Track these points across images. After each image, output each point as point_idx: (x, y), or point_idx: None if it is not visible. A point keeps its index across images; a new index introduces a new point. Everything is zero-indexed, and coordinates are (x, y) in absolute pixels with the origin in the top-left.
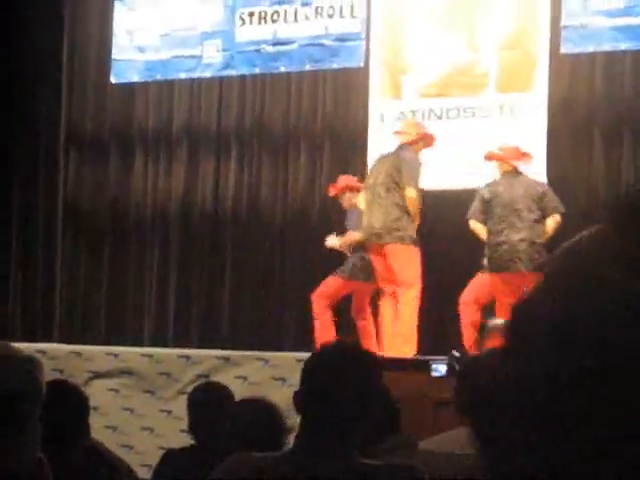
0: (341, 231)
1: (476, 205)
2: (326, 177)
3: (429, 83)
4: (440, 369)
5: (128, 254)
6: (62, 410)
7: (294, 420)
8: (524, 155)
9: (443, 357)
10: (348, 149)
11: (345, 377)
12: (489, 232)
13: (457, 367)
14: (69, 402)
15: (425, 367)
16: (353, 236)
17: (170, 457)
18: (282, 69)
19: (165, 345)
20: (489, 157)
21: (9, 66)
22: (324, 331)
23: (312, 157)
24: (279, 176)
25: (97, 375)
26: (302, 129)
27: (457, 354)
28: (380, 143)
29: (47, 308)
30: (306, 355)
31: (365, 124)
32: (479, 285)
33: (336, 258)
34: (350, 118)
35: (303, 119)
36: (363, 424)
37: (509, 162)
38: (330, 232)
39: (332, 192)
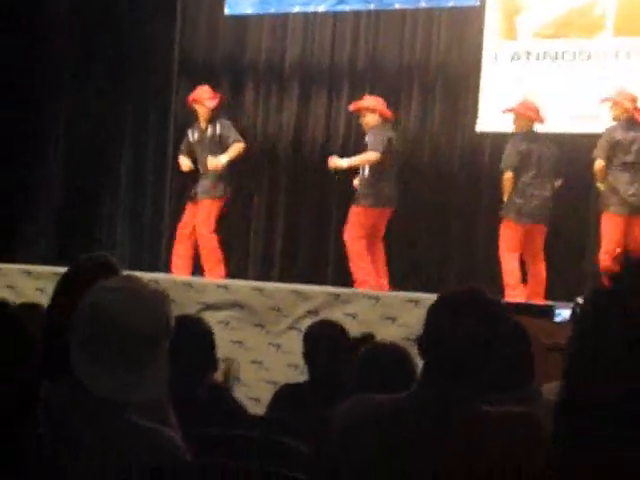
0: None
1: (603, 144)
2: (438, 116)
3: (544, 24)
4: (563, 314)
5: (237, 188)
6: (189, 345)
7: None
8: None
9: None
10: (460, 89)
11: (469, 322)
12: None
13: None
14: (196, 338)
15: (549, 312)
16: None
17: (285, 391)
18: (396, 6)
19: (270, 280)
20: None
21: None
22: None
23: (424, 95)
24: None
25: (207, 307)
26: (415, 67)
27: (581, 300)
28: (493, 83)
29: (155, 239)
30: (415, 295)
31: (478, 64)
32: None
33: (452, 199)
34: (463, 57)
35: (416, 57)
36: (485, 371)
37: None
38: (440, 169)
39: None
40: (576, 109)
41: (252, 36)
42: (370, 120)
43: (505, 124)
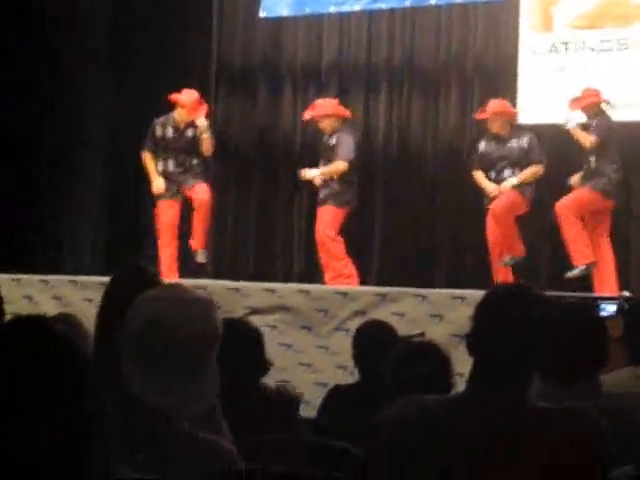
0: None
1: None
2: (477, 112)
3: (581, 14)
4: (609, 309)
5: (276, 189)
6: (238, 350)
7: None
8: None
9: (613, 297)
10: (499, 83)
11: (518, 319)
12: None
13: (626, 307)
14: (244, 341)
15: (594, 306)
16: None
17: (336, 393)
18: (432, 2)
19: (313, 280)
20: None
21: (163, 1)
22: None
23: (463, 92)
24: (429, 111)
25: (254, 311)
26: (452, 63)
27: (628, 294)
28: (531, 77)
29: None
30: (462, 292)
31: (515, 58)
32: None
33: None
34: (500, 52)
35: (453, 53)
36: (537, 365)
37: None
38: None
39: (481, 116)
40: (618, 98)
41: (288, 38)
42: (328, 125)
43: (545, 116)
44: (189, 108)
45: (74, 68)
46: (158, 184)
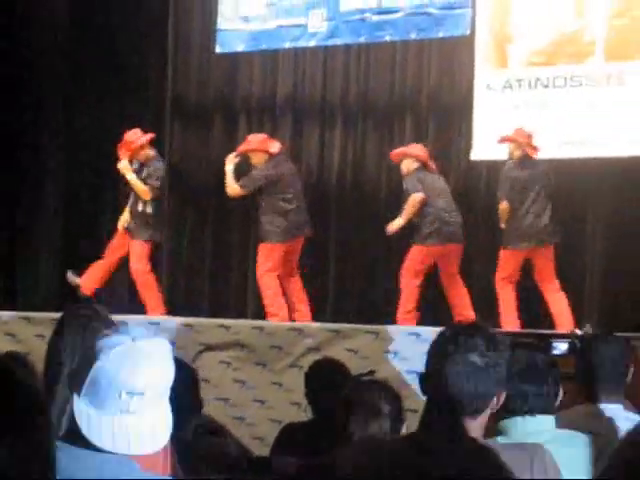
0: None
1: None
2: (432, 146)
3: (535, 51)
4: (561, 347)
5: (232, 225)
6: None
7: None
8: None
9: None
10: (454, 118)
11: (471, 358)
12: None
13: (578, 345)
14: (180, 379)
15: (546, 344)
16: None
17: (289, 431)
18: (387, 38)
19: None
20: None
21: (116, 36)
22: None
23: (418, 127)
24: (384, 146)
25: (208, 347)
26: (407, 99)
27: (579, 332)
28: (486, 112)
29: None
30: (416, 329)
31: (471, 93)
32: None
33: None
34: (455, 88)
35: (408, 89)
36: (489, 406)
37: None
38: None
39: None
40: (569, 135)
41: (243, 73)
42: (257, 160)
43: (500, 152)
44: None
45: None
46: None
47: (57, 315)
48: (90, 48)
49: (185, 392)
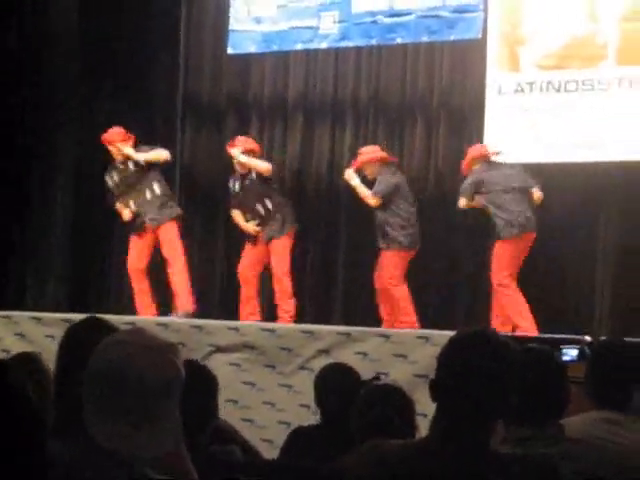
0: None
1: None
2: (442, 150)
3: (547, 54)
4: (571, 353)
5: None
6: (193, 393)
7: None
8: None
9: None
10: (464, 122)
11: (481, 366)
12: None
13: (588, 352)
14: (200, 384)
15: (556, 350)
16: None
17: (298, 435)
18: (398, 40)
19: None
20: None
21: (129, 37)
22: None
23: (428, 130)
24: (395, 148)
25: (218, 349)
26: (418, 101)
27: (589, 338)
28: (497, 115)
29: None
30: (427, 332)
31: (482, 97)
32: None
33: (458, 227)
34: (467, 91)
35: (419, 91)
36: (499, 413)
37: None
38: (444, 204)
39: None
40: (580, 139)
41: (255, 74)
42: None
43: (511, 155)
44: (112, 142)
45: (42, 113)
46: (124, 212)
47: (69, 316)
48: (102, 49)
49: (204, 399)
